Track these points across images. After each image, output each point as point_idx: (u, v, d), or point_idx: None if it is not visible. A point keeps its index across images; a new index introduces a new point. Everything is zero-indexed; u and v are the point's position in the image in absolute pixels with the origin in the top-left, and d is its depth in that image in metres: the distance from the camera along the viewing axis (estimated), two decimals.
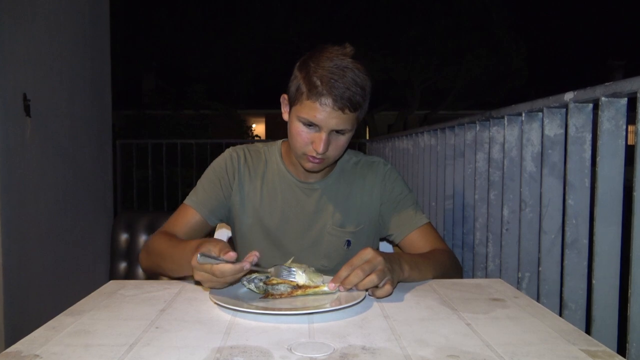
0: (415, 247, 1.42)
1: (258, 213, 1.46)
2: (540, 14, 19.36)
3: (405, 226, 1.44)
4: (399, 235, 1.46)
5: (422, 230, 1.43)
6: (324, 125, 1.25)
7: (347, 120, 1.26)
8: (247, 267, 1.00)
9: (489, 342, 0.83)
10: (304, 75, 1.26)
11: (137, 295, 1.11)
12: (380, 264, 1.06)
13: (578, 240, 1.33)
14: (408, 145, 3.23)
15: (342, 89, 1.22)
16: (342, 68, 1.23)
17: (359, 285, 1.04)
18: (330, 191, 1.47)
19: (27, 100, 2.58)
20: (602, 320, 1.22)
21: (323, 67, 1.24)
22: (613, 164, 1.21)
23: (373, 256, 1.07)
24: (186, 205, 1.44)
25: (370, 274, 1.04)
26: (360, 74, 1.25)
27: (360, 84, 1.24)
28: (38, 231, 2.73)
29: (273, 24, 12.43)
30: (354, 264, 1.06)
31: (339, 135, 1.30)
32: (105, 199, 3.73)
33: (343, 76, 1.22)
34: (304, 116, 1.26)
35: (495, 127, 1.80)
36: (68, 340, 0.84)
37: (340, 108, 1.23)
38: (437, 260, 1.32)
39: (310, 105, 1.25)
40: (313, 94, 1.23)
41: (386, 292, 1.05)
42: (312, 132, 1.28)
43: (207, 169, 1.50)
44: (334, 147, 1.31)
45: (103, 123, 3.70)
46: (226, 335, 0.86)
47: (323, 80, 1.22)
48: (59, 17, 2.99)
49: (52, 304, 2.74)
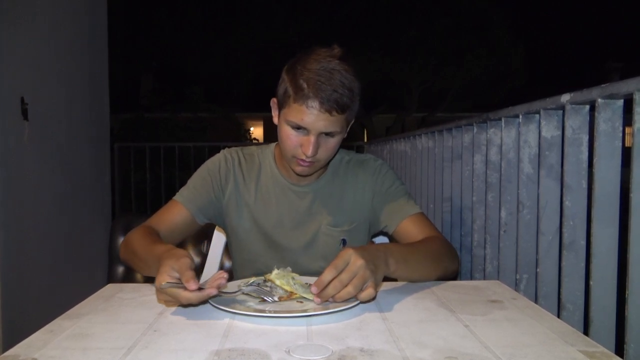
0: (408, 236, 1.40)
1: (253, 216, 1.45)
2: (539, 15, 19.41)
3: (397, 215, 1.43)
4: (391, 225, 1.44)
5: (414, 219, 1.42)
6: (312, 128, 1.25)
7: (336, 123, 1.25)
8: (214, 293, 0.97)
9: (487, 343, 0.83)
10: (291, 78, 1.26)
11: (135, 298, 1.11)
12: (360, 269, 1.00)
13: (576, 241, 1.33)
14: (406, 147, 3.23)
15: (329, 91, 1.21)
16: (329, 70, 1.22)
17: (336, 297, 1.00)
18: (323, 193, 1.47)
19: (25, 104, 2.58)
20: (600, 321, 1.22)
21: (309, 70, 1.23)
22: (610, 165, 1.21)
23: (353, 260, 1.01)
24: (175, 201, 1.44)
25: (347, 286, 0.99)
26: (348, 75, 1.23)
27: (347, 85, 1.23)
28: (36, 234, 2.72)
29: (272, 24, 12.41)
30: (337, 266, 1.01)
31: (328, 137, 1.29)
32: (103, 202, 3.73)
33: (330, 78, 1.21)
34: (292, 119, 1.25)
35: (492, 129, 1.80)
36: (66, 344, 0.84)
37: (327, 110, 1.22)
38: (429, 248, 1.28)
39: (298, 109, 1.24)
40: (300, 97, 1.23)
41: (368, 295, 1.00)
42: (301, 135, 1.28)
43: (201, 167, 1.50)
44: (323, 150, 1.30)
45: (101, 126, 3.69)
46: (224, 338, 0.86)
47: (309, 83, 1.21)
48: (56, 20, 2.99)
49: (50, 307, 2.73)
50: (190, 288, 0.94)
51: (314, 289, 1.01)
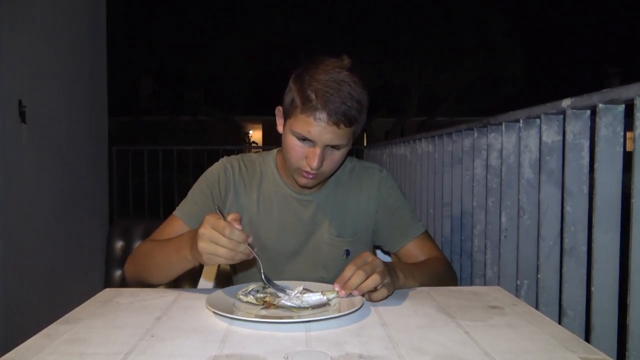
0: (411, 256, 1.42)
1: (255, 225, 1.42)
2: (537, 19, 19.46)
3: (402, 237, 1.43)
4: (395, 246, 1.45)
5: (418, 240, 1.43)
6: (318, 140, 1.22)
7: (343, 136, 1.23)
8: (250, 240, 1.02)
9: (488, 350, 0.83)
10: (299, 88, 1.23)
11: (132, 303, 1.10)
12: (379, 266, 1.05)
13: (576, 247, 1.32)
14: (405, 151, 3.23)
15: (338, 104, 1.18)
16: (338, 81, 1.19)
17: (362, 286, 1.03)
18: (327, 202, 1.45)
19: (23, 106, 2.57)
20: (601, 327, 1.22)
21: (318, 80, 1.20)
22: (611, 170, 1.21)
23: (373, 259, 1.06)
24: (175, 216, 1.39)
25: (372, 274, 1.03)
26: (357, 88, 1.21)
27: (356, 97, 1.20)
28: (33, 238, 2.71)
29: (272, 27, 12.41)
30: (357, 263, 1.05)
31: (334, 150, 1.26)
32: (101, 206, 3.72)
33: (339, 90, 1.19)
34: (298, 130, 1.23)
35: (492, 133, 1.80)
36: (63, 349, 0.83)
37: (335, 123, 1.19)
38: (432, 269, 1.31)
39: (304, 120, 1.21)
40: (307, 108, 1.20)
41: (382, 295, 1.05)
42: (307, 147, 1.25)
43: (199, 179, 1.45)
44: (328, 163, 1.28)
45: (99, 129, 3.69)
46: (222, 343, 0.85)
47: (318, 94, 1.19)
48: (55, 21, 2.99)
49: (47, 312, 2.72)
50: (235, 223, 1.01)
51: (337, 285, 1.05)
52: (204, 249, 1.03)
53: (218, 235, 1.01)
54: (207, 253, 1.03)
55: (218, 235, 1.01)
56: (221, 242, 1.01)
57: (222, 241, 1.01)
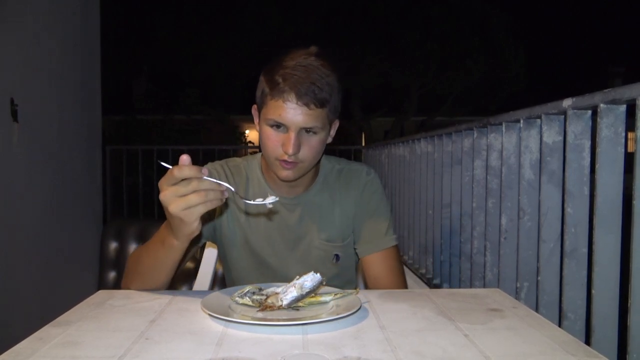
0: (373, 268, 1.41)
1: (244, 231, 1.41)
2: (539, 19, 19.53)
3: (370, 245, 1.42)
4: (362, 251, 1.44)
5: (384, 254, 1.42)
6: (291, 123, 1.22)
7: (316, 118, 1.22)
8: (206, 172, 0.98)
9: (487, 353, 0.82)
10: (267, 78, 1.25)
11: (126, 305, 1.09)
12: None
13: (577, 249, 1.31)
14: (405, 152, 3.22)
15: (306, 84, 1.19)
16: (304, 65, 1.21)
17: None
18: (313, 204, 1.43)
19: (15, 105, 2.55)
20: (601, 330, 1.21)
21: (285, 67, 1.22)
22: (612, 171, 1.20)
23: None
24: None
25: None
26: (325, 70, 1.22)
27: (325, 79, 1.21)
28: (25, 239, 2.69)
29: (268, 27, 12.39)
30: None
31: (310, 135, 1.26)
32: (95, 207, 3.69)
33: (306, 71, 1.20)
34: (270, 117, 1.23)
35: (493, 134, 1.79)
36: (55, 352, 0.82)
37: (305, 103, 1.20)
38: None
39: (275, 104, 1.22)
40: (276, 92, 1.21)
41: None
42: (281, 134, 1.25)
43: None
44: (306, 149, 1.26)
45: (92, 128, 3.67)
46: (218, 346, 0.84)
47: (285, 77, 1.20)
48: (48, 19, 2.97)
49: (39, 314, 2.70)
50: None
51: None
52: (176, 209, 0.98)
53: (176, 188, 0.97)
54: (181, 210, 0.98)
55: (176, 188, 0.97)
56: (182, 190, 0.97)
57: (183, 189, 0.97)
